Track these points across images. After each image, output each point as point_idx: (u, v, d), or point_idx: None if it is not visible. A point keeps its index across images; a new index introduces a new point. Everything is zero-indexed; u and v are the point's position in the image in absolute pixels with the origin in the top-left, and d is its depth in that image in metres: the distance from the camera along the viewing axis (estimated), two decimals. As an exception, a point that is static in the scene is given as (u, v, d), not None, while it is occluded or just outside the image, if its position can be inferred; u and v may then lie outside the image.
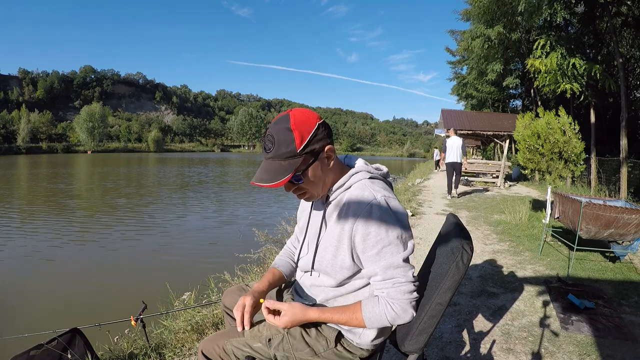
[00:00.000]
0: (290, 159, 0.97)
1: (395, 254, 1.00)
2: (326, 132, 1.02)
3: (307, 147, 0.98)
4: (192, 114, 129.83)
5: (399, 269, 1.00)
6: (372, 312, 1.02)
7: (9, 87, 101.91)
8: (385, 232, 0.98)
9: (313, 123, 0.99)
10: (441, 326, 2.50)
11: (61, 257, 6.18)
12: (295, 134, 0.96)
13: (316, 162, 1.02)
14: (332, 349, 1.13)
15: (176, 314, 2.81)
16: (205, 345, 1.23)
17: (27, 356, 1.89)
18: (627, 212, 3.34)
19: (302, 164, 0.99)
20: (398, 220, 1.00)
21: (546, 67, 9.01)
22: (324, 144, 1.01)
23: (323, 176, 1.05)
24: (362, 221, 1.00)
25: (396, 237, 0.99)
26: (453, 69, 25.22)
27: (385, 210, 1.00)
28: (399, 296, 1.00)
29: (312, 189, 1.06)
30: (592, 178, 10.69)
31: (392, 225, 0.99)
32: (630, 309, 2.81)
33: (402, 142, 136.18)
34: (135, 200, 12.37)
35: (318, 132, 0.99)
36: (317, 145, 1.00)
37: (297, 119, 0.98)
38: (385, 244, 0.99)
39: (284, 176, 0.96)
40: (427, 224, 5.96)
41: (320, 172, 1.04)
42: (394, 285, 1.00)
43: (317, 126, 1.00)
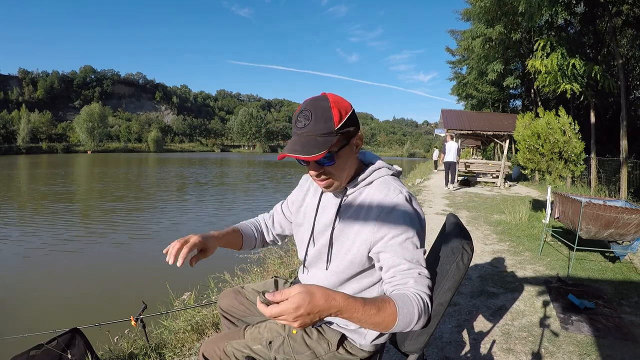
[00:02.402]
0: (326, 135, 0.94)
1: (417, 248, 0.98)
2: (357, 120, 1.02)
3: (343, 127, 0.95)
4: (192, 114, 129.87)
5: (422, 264, 0.96)
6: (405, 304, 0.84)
7: (9, 87, 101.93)
8: (411, 225, 0.98)
9: (349, 105, 1.00)
10: (441, 326, 2.50)
11: (61, 257, 6.18)
12: (334, 112, 0.94)
13: (347, 146, 1.00)
14: (334, 352, 1.12)
15: (176, 314, 2.81)
16: (206, 348, 1.23)
17: (27, 356, 1.89)
18: (627, 212, 3.34)
19: (336, 144, 0.96)
20: (419, 217, 1.03)
21: (546, 67, 9.01)
22: (357, 129, 1.01)
23: (349, 163, 1.03)
24: (388, 214, 0.99)
25: (416, 233, 0.99)
26: (453, 69, 25.25)
27: (409, 206, 1.02)
28: (425, 289, 0.91)
29: (338, 175, 1.03)
30: (592, 178, 10.69)
31: (415, 220, 1.00)
32: (630, 309, 2.81)
33: (402, 142, 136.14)
34: (135, 200, 12.37)
35: (352, 116, 0.99)
36: (351, 128, 0.98)
37: (335, 99, 0.97)
38: (410, 235, 0.97)
39: (319, 151, 0.91)
40: (427, 224, 5.95)
41: (348, 158, 1.02)
42: (420, 276, 0.93)
43: (352, 110, 0.99)
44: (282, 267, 3.78)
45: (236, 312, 1.41)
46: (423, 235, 1.03)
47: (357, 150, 1.04)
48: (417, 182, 13.34)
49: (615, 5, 10.24)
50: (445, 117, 13.91)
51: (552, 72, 8.99)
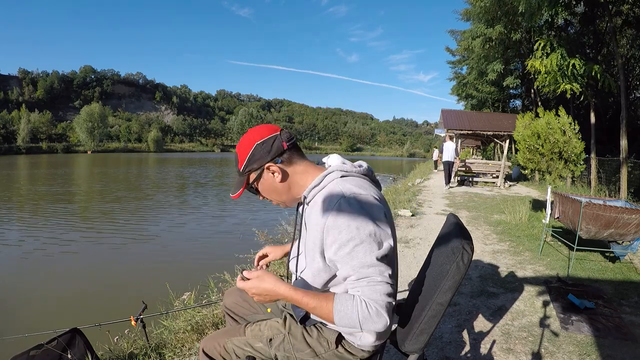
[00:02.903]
0: (240, 176, 1.11)
1: (368, 252, 0.94)
2: (266, 150, 1.06)
3: (245, 167, 1.08)
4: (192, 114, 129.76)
5: (374, 268, 0.93)
6: (344, 305, 0.94)
7: (9, 87, 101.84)
8: (356, 230, 0.93)
9: (251, 144, 1.07)
10: (441, 326, 2.50)
11: (61, 257, 6.18)
12: (238, 157, 1.09)
13: (262, 178, 1.09)
14: (333, 351, 1.12)
15: (176, 314, 2.81)
16: (207, 344, 1.23)
17: (27, 356, 1.89)
18: (627, 212, 3.34)
19: (248, 180, 1.10)
20: (370, 217, 0.96)
21: (546, 67, 9.01)
22: (262, 163, 1.07)
23: (276, 187, 1.10)
24: (332, 221, 0.96)
25: (368, 234, 0.94)
26: (453, 69, 25.25)
27: (356, 207, 0.96)
28: (375, 296, 0.92)
29: (275, 199, 1.14)
30: (592, 178, 10.68)
31: (364, 222, 0.94)
32: (630, 309, 2.81)
33: (402, 142, 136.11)
34: (135, 201, 12.37)
35: (255, 153, 1.06)
36: (255, 164, 1.07)
37: (241, 142, 1.09)
38: (357, 242, 0.93)
39: (238, 189, 1.11)
40: (427, 224, 5.96)
41: (270, 185, 1.10)
42: (369, 284, 0.93)
43: (255, 147, 1.06)
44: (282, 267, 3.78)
45: (240, 310, 1.43)
46: (380, 232, 0.96)
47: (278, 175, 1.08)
48: (417, 182, 13.34)
49: (615, 5, 10.24)
50: (445, 117, 13.91)
51: (552, 72, 8.99)
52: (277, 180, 1.09)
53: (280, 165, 1.07)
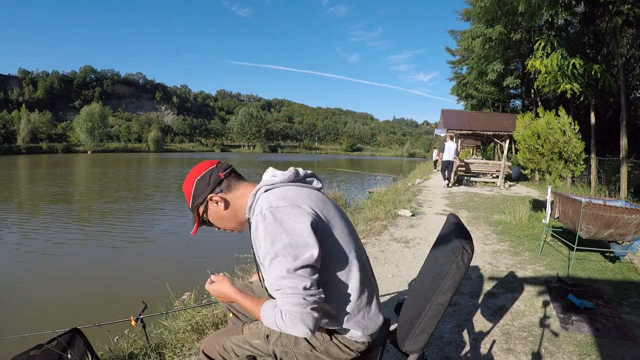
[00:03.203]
0: (192, 212, 1.20)
1: (282, 264, 0.97)
2: (205, 183, 1.14)
3: (193, 203, 1.17)
4: (192, 114, 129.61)
5: (287, 280, 0.98)
6: (267, 312, 1.06)
7: (9, 87, 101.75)
8: (271, 245, 0.98)
9: (192, 182, 1.16)
10: (441, 326, 2.50)
11: (61, 257, 6.18)
12: (185, 195, 1.18)
13: (209, 210, 1.17)
14: (328, 342, 1.15)
15: (176, 314, 2.81)
16: (206, 345, 1.25)
17: (27, 356, 1.89)
18: (627, 212, 3.34)
19: (199, 214, 1.18)
20: (285, 230, 0.98)
21: (546, 67, 9.01)
22: (204, 196, 1.15)
23: (224, 216, 1.17)
24: (255, 236, 1.04)
25: (282, 247, 0.97)
26: (453, 69, 25.23)
27: (270, 222, 0.99)
28: (287, 307, 0.99)
29: (227, 226, 1.21)
30: (592, 178, 10.68)
31: (278, 236, 0.98)
32: (630, 309, 2.81)
33: (402, 142, 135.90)
34: (135, 201, 12.37)
35: (197, 188, 1.15)
36: (199, 199, 1.15)
37: (185, 182, 1.18)
38: (272, 256, 0.98)
39: (193, 225, 1.21)
40: (427, 224, 5.96)
41: (218, 215, 1.17)
42: (282, 296, 1.00)
43: (195, 183, 1.15)
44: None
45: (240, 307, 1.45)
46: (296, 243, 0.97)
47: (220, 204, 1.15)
48: (417, 182, 13.34)
49: (616, 5, 10.24)
50: (445, 117, 13.90)
51: (553, 72, 8.99)
52: (222, 209, 1.16)
53: (220, 194, 1.14)
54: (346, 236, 1.10)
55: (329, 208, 1.11)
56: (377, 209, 6.67)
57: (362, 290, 1.10)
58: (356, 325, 1.11)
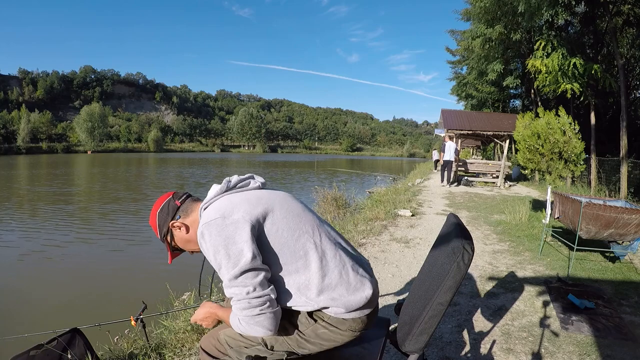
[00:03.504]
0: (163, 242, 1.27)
1: (225, 274, 1.04)
2: (165, 213, 1.22)
3: (161, 234, 1.24)
4: (192, 114, 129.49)
5: (233, 288, 1.04)
6: (233, 320, 1.12)
7: (9, 87, 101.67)
8: (214, 257, 1.05)
9: (154, 215, 1.23)
10: (441, 326, 2.50)
11: (61, 257, 6.18)
12: (153, 228, 1.26)
13: (175, 238, 1.24)
14: (314, 325, 1.15)
15: (176, 314, 2.81)
16: (204, 341, 1.29)
17: (27, 356, 1.89)
18: (627, 212, 3.34)
19: (168, 243, 1.26)
20: (219, 242, 1.04)
21: (547, 67, 9.01)
22: (167, 224, 1.22)
23: (188, 241, 1.24)
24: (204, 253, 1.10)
25: (222, 258, 1.03)
26: (453, 69, 25.25)
27: (207, 237, 1.06)
28: (239, 312, 1.06)
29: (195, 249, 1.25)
30: (592, 178, 10.68)
31: (216, 248, 1.04)
32: (630, 309, 2.81)
33: (402, 142, 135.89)
34: (135, 202, 12.37)
35: (159, 219, 1.23)
36: (164, 228, 1.23)
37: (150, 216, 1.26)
38: (218, 267, 1.05)
39: (168, 254, 1.30)
40: (427, 224, 5.96)
41: (183, 241, 1.24)
42: (233, 303, 1.07)
43: (157, 215, 1.23)
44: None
45: None
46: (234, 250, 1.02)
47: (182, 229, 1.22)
48: (417, 182, 13.34)
49: (616, 5, 10.24)
50: (445, 117, 13.90)
51: (553, 72, 8.99)
52: (184, 233, 1.22)
53: (180, 220, 1.21)
54: (292, 225, 1.13)
55: (267, 201, 1.15)
56: (377, 209, 6.67)
57: (324, 273, 1.10)
58: (334, 303, 1.10)
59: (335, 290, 1.11)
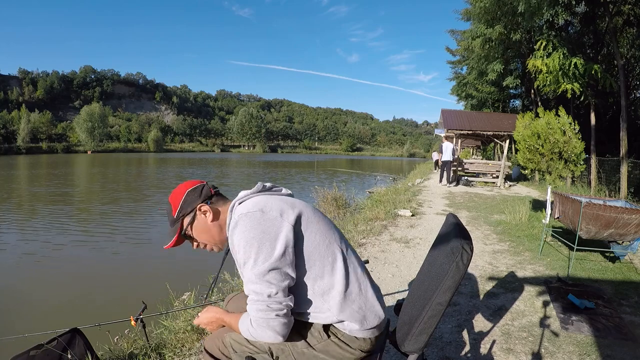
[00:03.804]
0: (173, 224, 1.21)
1: (251, 269, 1.03)
2: (197, 194, 1.19)
3: (179, 213, 1.19)
4: (192, 114, 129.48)
5: (255, 285, 1.03)
6: (243, 322, 1.11)
7: (9, 87, 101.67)
8: (244, 250, 1.03)
9: (182, 192, 1.20)
10: (441, 326, 2.50)
11: (61, 257, 6.18)
12: (172, 205, 1.20)
13: (195, 221, 1.19)
14: (326, 341, 1.14)
15: (176, 314, 2.81)
16: (208, 342, 1.28)
17: (27, 356, 1.89)
18: (627, 212, 3.34)
19: (182, 225, 1.20)
20: (256, 235, 1.03)
21: (547, 67, 9.01)
22: (194, 205, 1.18)
23: (209, 229, 1.20)
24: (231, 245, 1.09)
25: (256, 250, 1.02)
26: (453, 69, 25.25)
27: (242, 228, 1.05)
28: (253, 313, 1.05)
29: (206, 241, 1.22)
30: (592, 178, 10.68)
31: (251, 241, 1.03)
32: (630, 309, 2.81)
33: (402, 142, 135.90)
34: (135, 202, 12.37)
35: (187, 198, 1.18)
36: (188, 208, 1.18)
37: (174, 192, 1.22)
38: (244, 259, 1.04)
39: (172, 236, 1.21)
40: (427, 224, 5.96)
41: (203, 227, 1.20)
42: (249, 303, 1.06)
43: (186, 193, 1.19)
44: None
45: None
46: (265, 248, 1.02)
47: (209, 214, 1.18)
48: (417, 182, 13.34)
49: (616, 5, 10.24)
50: (445, 117, 13.91)
51: (554, 72, 8.99)
52: (209, 220, 1.19)
53: (210, 205, 1.19)
54: (324, 231, 1.14)
55: (300, 205, 1.15)
56: (377, 209, 6.67)
57: (350, 282, 1.12)
58: (351, 317, 1.11)
59: (355, 303, 1.12)
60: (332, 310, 1.11)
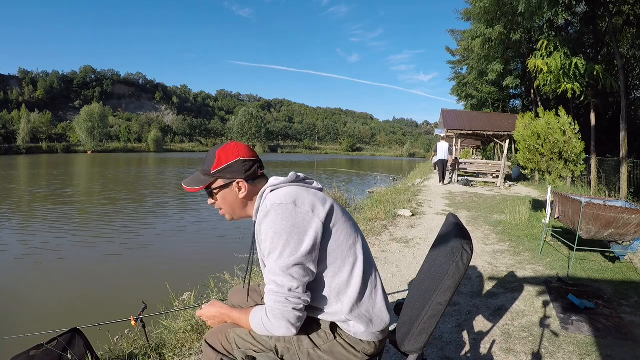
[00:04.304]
0: (206, 175, 1.17)
1: (276, 260, 1.02)
2: (245, 169, 1.15)
3: (218, 172, 1.15)
4: (192, 114, 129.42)
5: (277, 276, 1.03)
6: (256, 315, 1.10)
7: (9, 87, 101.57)
8: (271, 240, 1.02)
9: (233, 157, 1.15)
10: (441, 326, 2.50)
11: (61, 257, 6.18)
12: (216, 159, 1.15)
13: (227, 189, 1.17)
14: (332, 341, 1.15)
15: (176, 314, 2.81)
16: (210, 336, 1.26)
17: (27, 356, 1.89)
18: (627, 212, 3.34)
19: (213, 183, 1.17)
20: (286, 227, 1.02)
21: (548, 66, 9.01)
22: (235, 176, 1.15)
23: (235, 202, 1.19)
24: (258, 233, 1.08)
25: (284, 243, 1.01)
26: (453, 69, 25.26)
27: (273, 218, 1.03)
28: (270, 304, 1.05)
29: (225, 209, 1.21)
30: (592, 178, 10.68)
31: (279, 232, 1.02)
32: (630, 309, 2.81)
33: (402, 142, 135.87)
34: (135, 202, 12.37)
35: (234, 165, 1.15)
36: (228, 174, 1.15)
37: (226, 149, 1.17)
38: (270, 249, 1.03)
39: (197, 186, 1.17)
40: (427, 224, 5.96)
41: (230, 197, 1.18)
42: (268, 292, 1.05)
43: (236, 160, 1.15)
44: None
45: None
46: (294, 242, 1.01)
47: (241, 192, 1.16)
48: (417, 182, 13.34)
49: (616, 6, 10.24)
50: (445, 117, 13.91)
51: (555, 72, 8.99)
52: (241, 197, 1.17)
53: (249, 184, 1.17)
54: (349, 231, 1.14)
55: (331, 205, 1.14)
56: (377, 209, 6.67)
57: (364, 284, 1.13)
58: (359, 319, 1.12)
59: (364, 306, 1.13)
60: (343, 310, 1.11)
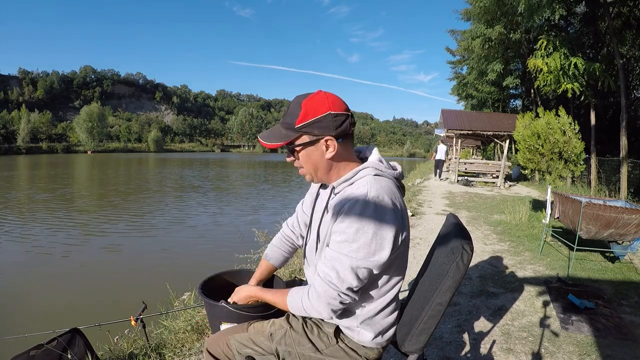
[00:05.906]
0: (288, 130, 1.03)
1: (349, 254, 0.95)
2: (336, 124, 1.00)
3: (304, 127, 1.00)
4: (192, 114, 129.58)
5: (341, 270, 0.96)
6: (294, 295, 1.07)
7: (9, 87, 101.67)
8: (350, 232, 0.95)
9: (323, 109, 1.00)
10: (441, 326, 2.50)
11: (61, 257, 6.18)
12: (302, 112, 1.00)
13: (313, 146, 1.03)
14: (334, 346, 1.13)
15: (176, 314, 2.81)
16: (211, 343, 1.24)
17: (27, 356, 1.89)
18: (627, 212, 3.34)
19: (297, 139, 1.03)
20: (378, 225, 0.94)
21: (548, 66, 9.01)
22: (324, 132, 1.00)
23: (319, 162, 1.06)
24: (343, 214, 0.97)
25: (362, 242, 0.94)
26: (453, 69, 25.23)
27: (369, 209, 0.95)
28: (320, 290, 0.99)
29: (306, 168, 1.08)
30: (592, 178, 10.68)
31: (362, 230, 0.94)
32: (630, 309, 2.81)
33: (402, 142, 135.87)
34: (135, 202, 12.37)
35: (323, 120, 1.00)
36: (316, 130, 1.00)
37: (314, 100, 1.01)
38: (346, 238, 0.95)
39: (277, 141, 1.03)
40: (427, 224, 5.96)
41: (315, 156, 1.05)
42: (323, 280, 0.99)
43: (327, 114, 0.99)
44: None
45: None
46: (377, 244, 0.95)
47: (329, 152, 1.03)
48: (417, 182, 13.34)
49: (616, 7, 10.24)
50: (445, 117, 13.91)
51: (555, 72, 8.99)
52: (327, 157, 1.04)
53: (339, 143, 1.03)
54: (407, 244, 1.10)
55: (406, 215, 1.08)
56: (377, 209, 6.66)
57: (393, 299, 1.12)
58: (370, 328, 1.10)
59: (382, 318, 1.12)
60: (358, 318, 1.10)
